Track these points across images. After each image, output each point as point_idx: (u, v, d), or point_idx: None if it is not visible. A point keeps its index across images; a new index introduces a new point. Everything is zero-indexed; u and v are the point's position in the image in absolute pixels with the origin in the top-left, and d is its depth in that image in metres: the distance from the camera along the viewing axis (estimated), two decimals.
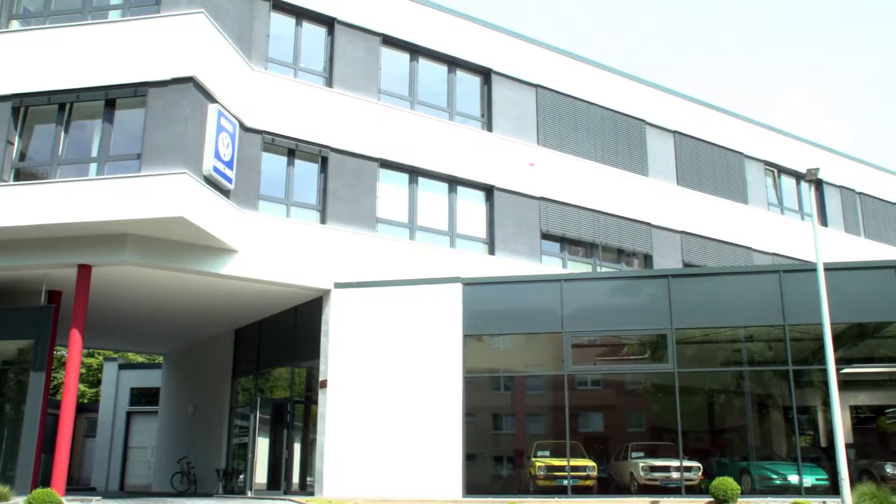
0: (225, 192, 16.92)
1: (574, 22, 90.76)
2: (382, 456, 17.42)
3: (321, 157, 19.26)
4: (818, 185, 29.17)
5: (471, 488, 17.28)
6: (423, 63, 21.57)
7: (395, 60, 21.12)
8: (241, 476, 22.08)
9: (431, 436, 17.49)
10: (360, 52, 20.27)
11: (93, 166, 16.38)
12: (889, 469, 18.29)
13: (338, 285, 18.52)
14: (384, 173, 20.09)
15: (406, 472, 17.27)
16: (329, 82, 19.80)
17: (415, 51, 21.37)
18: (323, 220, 18.94)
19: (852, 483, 14.86)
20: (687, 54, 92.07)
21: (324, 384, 18.11)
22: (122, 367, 34.54)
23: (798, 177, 28.88)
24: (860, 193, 30.90)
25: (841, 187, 30.21)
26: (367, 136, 19.79)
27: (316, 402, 18.58)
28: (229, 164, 16.92)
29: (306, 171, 19.29)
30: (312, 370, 19.59)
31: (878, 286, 17.61)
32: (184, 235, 16.31)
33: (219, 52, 16.97)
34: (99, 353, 39.22)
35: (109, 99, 16.38)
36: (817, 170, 15.86)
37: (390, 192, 20.15)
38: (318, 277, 18.43)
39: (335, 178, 19.20)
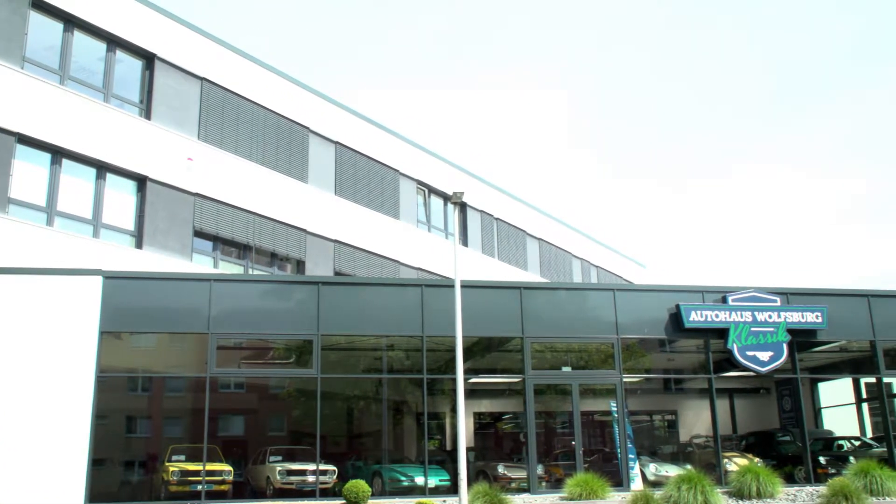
0: None
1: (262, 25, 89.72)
2: None
3: None
4: (462, 207, 31.55)
5: (95, 496, 16.13)
6: (80, 36, 19.93)
7: (46, 28, 19.26)
8: None
9: (54, 439, 16.02)
10: (2, 11, 18.22)
11: None
12: (501, 469, 20.28)
13: None
14: (22, 150, 18.22)
15: (20, 479, 15.63)
16: None
17: (70, 21, 19.67)
18: None
19: (470, 483, 16.20)
20: (367, 70, 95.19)
21: None
22: None
23: (445, 198, 31.03)
24: (497, 219, 33.98)
25: (482, 212, 32.99)
26: (5, 106, 17.81)
27: None
28: None
29: None
30: None
31: (505, 304, 19.39)
32: None
33: None
34: None
35: None
36: (462, 193, 17.15)
37: (28, 171, 18.30)
38: None
39: None
